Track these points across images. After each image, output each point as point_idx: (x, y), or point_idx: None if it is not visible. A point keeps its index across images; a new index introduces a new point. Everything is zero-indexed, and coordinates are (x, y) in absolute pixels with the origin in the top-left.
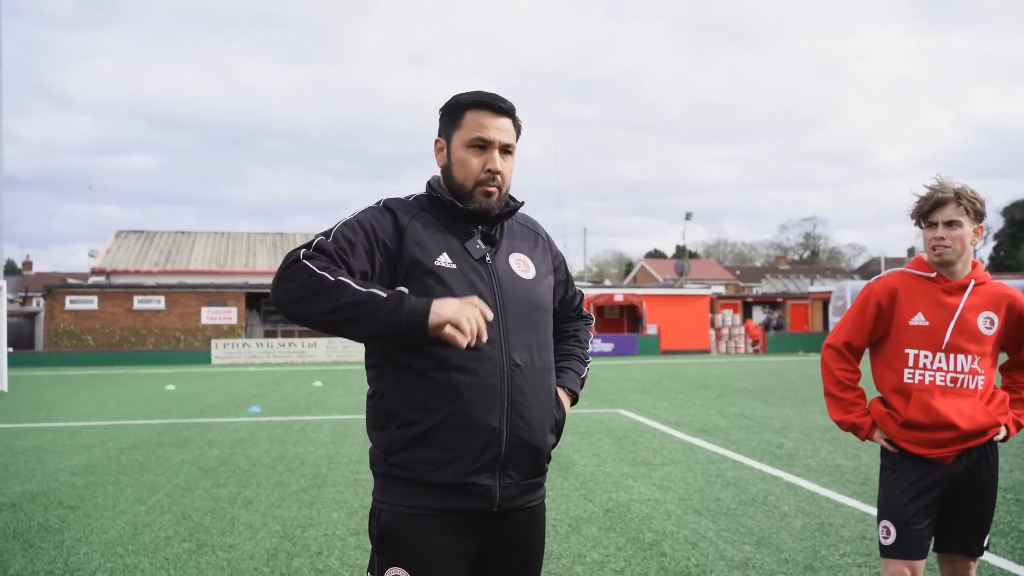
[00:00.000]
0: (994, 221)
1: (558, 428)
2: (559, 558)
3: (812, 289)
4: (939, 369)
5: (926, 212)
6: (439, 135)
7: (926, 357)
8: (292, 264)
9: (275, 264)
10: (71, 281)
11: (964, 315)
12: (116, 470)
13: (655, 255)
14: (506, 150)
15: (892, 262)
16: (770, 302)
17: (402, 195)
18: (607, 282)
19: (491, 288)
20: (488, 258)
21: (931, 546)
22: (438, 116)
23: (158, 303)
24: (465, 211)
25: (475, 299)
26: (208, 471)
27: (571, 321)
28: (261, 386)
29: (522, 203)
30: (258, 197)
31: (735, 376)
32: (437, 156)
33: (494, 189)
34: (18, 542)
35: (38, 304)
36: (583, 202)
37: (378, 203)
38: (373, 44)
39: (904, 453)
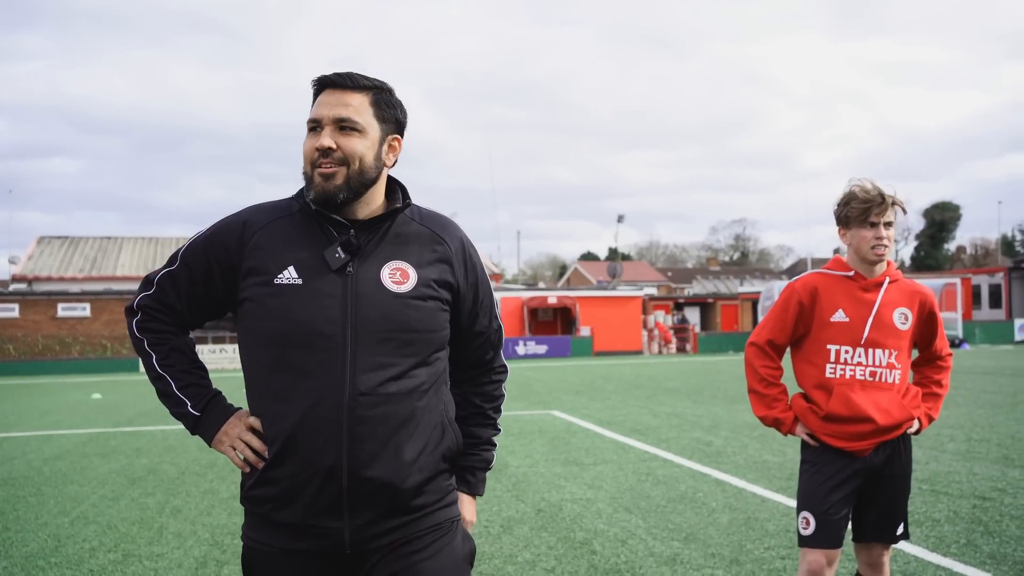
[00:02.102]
0: (915, 222)
1: (448, 460)
2: (491, 558)
3: (742, 290)
4: (859, 364)
5: (869, 212)
6: None
7: (847, 352)
8: (126, 314)
9: None
10: None
11: (881, 311)
12: (39, 481)
13: (588, 257)
14: (345, 124)
15: (818, 262)
16: (700, 303)
17: (279, 198)
18: (541, 284)
19: (343, 304)
20: (350, 268)
21: (846, 536)
22: None
23: (83, 310)
24: (323, 213)
25: (233, 431)
26: (136, 480)
27: (475, 371)
28: None
29: (407, 204)
30: (187, 202)
31: (667, 376)
32: None
33: (330, 169)
34: None
35: None
36: (517, 205)
37: (237, 213)
38: (302, 48)
39: (824, 447)
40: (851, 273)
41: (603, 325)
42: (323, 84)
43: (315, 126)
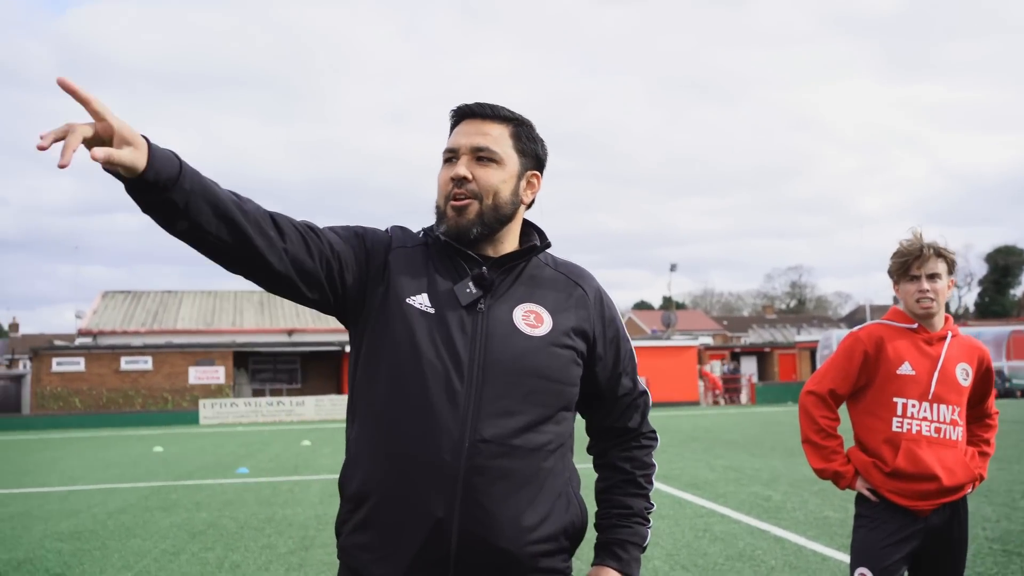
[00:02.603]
0: (977, 267)
1: (570, 537)
2: None
3: (799, 338)
4: (924, 419)
5: (908, 265)
6: None
7: (913, 406)
8: None
9: (263, 322)
10: (58, 343)
11: (945, 366)
12: (103, 535)
13: (642, 306)
14: (483, 155)
15: (878, 310)
16: (757, 352)
17: (413, 228)
18: None
19: (471, 342)
20: (481, 305)
21: None
22: None
23: (145, 363)
24: (457, 248)
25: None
26: (196, 535)
27: (622, 438)
28: (249, 446)
29: (547, 244)
30: None
31: (724, 428)
32: None
33: (464, 201)
34: None
35: (24, 367)
36: (568, 255)
37: (385, 228)
38: (352, 102)
39: (885, 503)
40: (915, 326)
41: (658, 375)
42: (462, 114)
43: (451, 156)
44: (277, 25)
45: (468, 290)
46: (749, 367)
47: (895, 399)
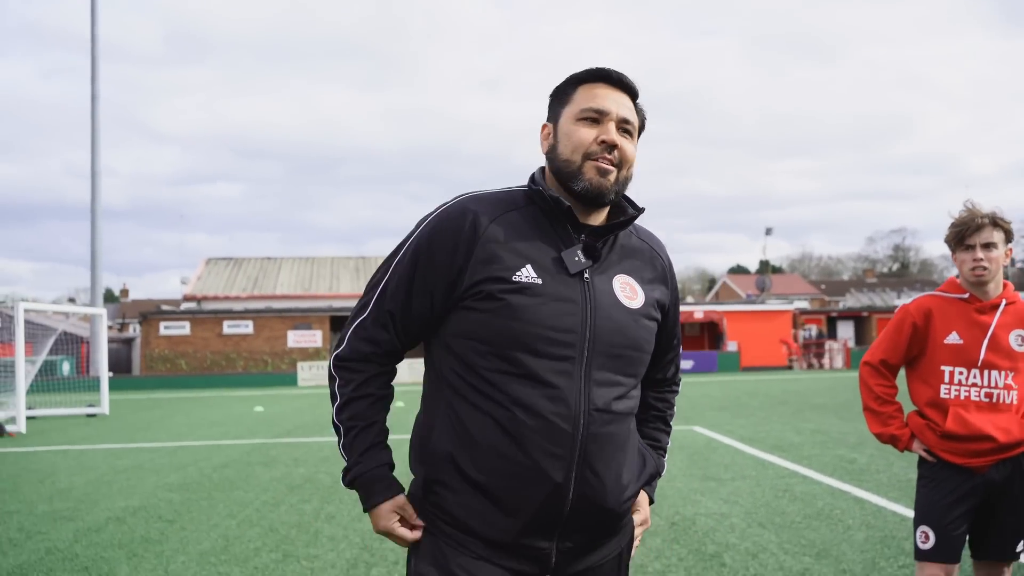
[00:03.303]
0: None
1: (648, 488)
2: None
3: (898, 302)
4: (974, 385)
5: (964, 235)
6: (546, 121)
7: (961, 373)
8: (331, 364)
9: (358, 288)
10: (164, 308)
11: (996, 333)
12: (209, 487)
13: (738, 271)
14: (625, 128)
15: None
16: (855, 316)
17: (495, 188)
18: (689, 298)
19: (583, 314)
20: (587, 275)
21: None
22: (548, 103)
23: (246, 327)
24: (569, 211)
25: (396, 527)
26: (294, 488)
27: (660, 388)
28: None
29: (643, 209)
30: (340, 222)
31: (815, 392)
32: (542, 143)
33: (609, 166)
34: (123, 552)
35: (134, 330)
36: (663, 219)
37: (456, 200)
38: (446, 70)
39: (942, 463)
40: (966, 295)
41: (751, 340)
42: (601, 77)
43: (596, 117)
44: None
45: (577, 258)
46: (846, 331)
47: (943, 367)
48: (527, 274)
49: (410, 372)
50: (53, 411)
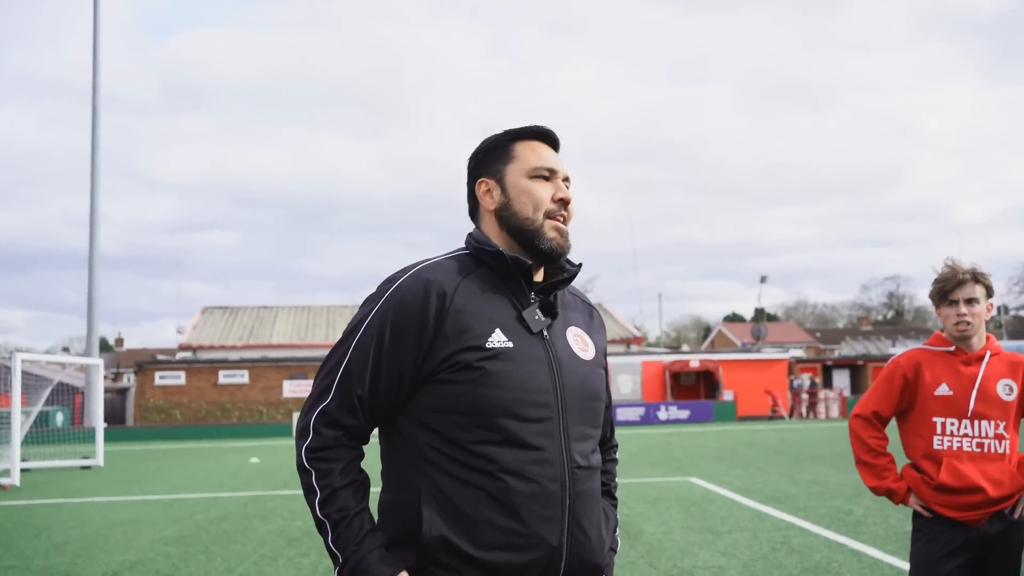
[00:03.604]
0: None
1: (614, 546)
2: None
3: (894, 351)
4: (965, 435)
5: (947, 291)
6: (482, 177)
7: (952, 424)
8: (302, 457)
9: None
10: (160, 357)
11: (984, 384)
12: (206, 540)
13: (733, 319)
14: (568, 184)
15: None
16: (850, 364)
17: (437, 256)
18: (684, 347)
19: (552, 371)
20: (546, 332)
21: None
22: (469, 165)
23: (242, 377)
24: (528, 270)
25: None
26: (292, 541)
27: (602, 456)
28: None
29: (580, 265)
30: (336, 270)
31: (811, 442)
32: (484, 200)
33: (565, 223)
34: None
35: (129, 380)
36: (658, 266)
37: (411, 273)
38: (442, 119)
39: (937, 517)
40: (952, 348)
41: (747, 389)
42: (542, 135)
43: (550, 175)
44: (369, 44)
45: (537, 317)
46: (842, 380)
47: (934, 419)
48: (498, 339)
49: None
50: (48, 463)
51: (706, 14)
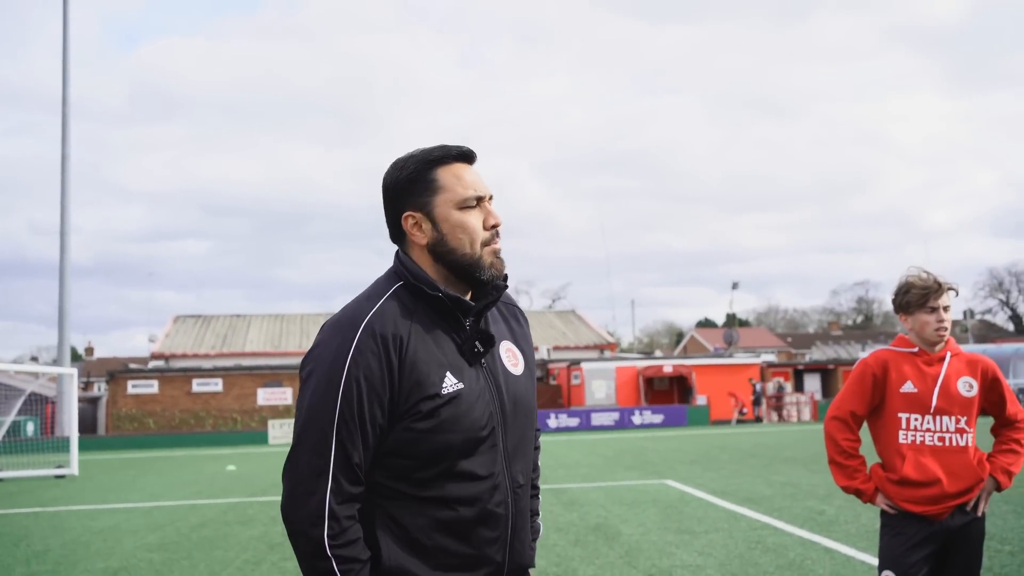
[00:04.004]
0: None
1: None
2: None
3: (863, 355)
4: (928, 430)
5: (928, 298)
6: (408, 211)
7: (916, 420)
8: (325, 548)
9: None
10: (132, 366)
11: (946, 381)
12: (188, 547)
13: (705, 324)
14: (491, 203)
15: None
16: (821, 369)
17: (371, 301)
18: (657, 353)
19: (493, 399)
20: (484, 360)
21: None
22: (386, 192)
23: (216, 385)
24: (449, 301)
25: None
26: (274, 546)
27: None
28: None
29: (506, 279)
30: (308, 278)
31: (784, 445)
32: (413, 234)
33: (500, 246)
34: None
35: (99, 389)
36: (630, 273)
37: (360, 329)
38: (411, 128)
39: (903, 513)
40: (915, 349)
41: (720, 393)
42: (461, 157)
43: (478, 202)
44: (340, 54)
45: (477, 349)
46: (812, 384)
47: (899, 414)
48: (450, 383)
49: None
50: (20, 473)
51: (674, 25)
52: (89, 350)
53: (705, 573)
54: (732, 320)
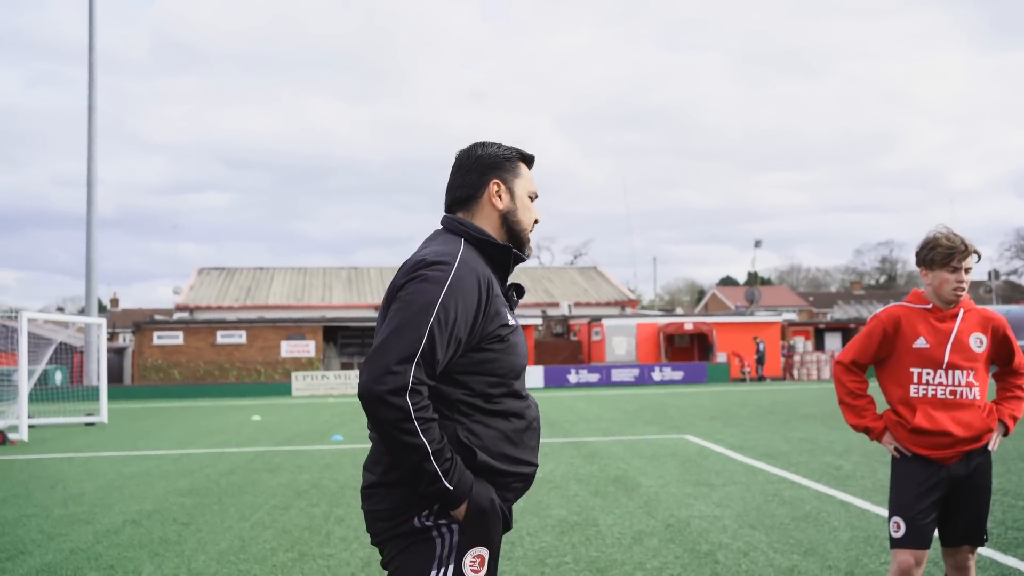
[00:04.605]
0: None
1: None
2: (621, 565)
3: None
4: (940, 384)
5: (953, 258)
6: (495, 178)
7: (928, 374)
8: (401, 410)
9: (351, 298)
10: (158, 317)
11: (959, 337)
12: (218, 492)
13: (727, 282)
14: None
15: (971, 285)
16: (842, 328)
17: (452, 246)
18: (679, 310)
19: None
20: (514, 307)
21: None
22: (480, 160)
23: (240, 337)
24: (515, 263)
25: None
26: (301, 493)
27: None
28: (342, 416)
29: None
30: (329, 232)
31: (803, 403)
32: (494, 198)
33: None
34: (144, 551)
35: (125, 340)
36: (651, 231)
37: (458, 263)
38: (432, 82)
39: (913, 456)
40: (929, 306)
41: (740, 351)
42: (532, 163)
43: (534, 199)
44: (361, 6)
45: (513, 297)
46: (834, 343)
47: (911, 369)
48: (510, 318)
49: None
50: (52, 420)
51: None
52: (115, 301)
53: (722, 523)
54: (754, 279)
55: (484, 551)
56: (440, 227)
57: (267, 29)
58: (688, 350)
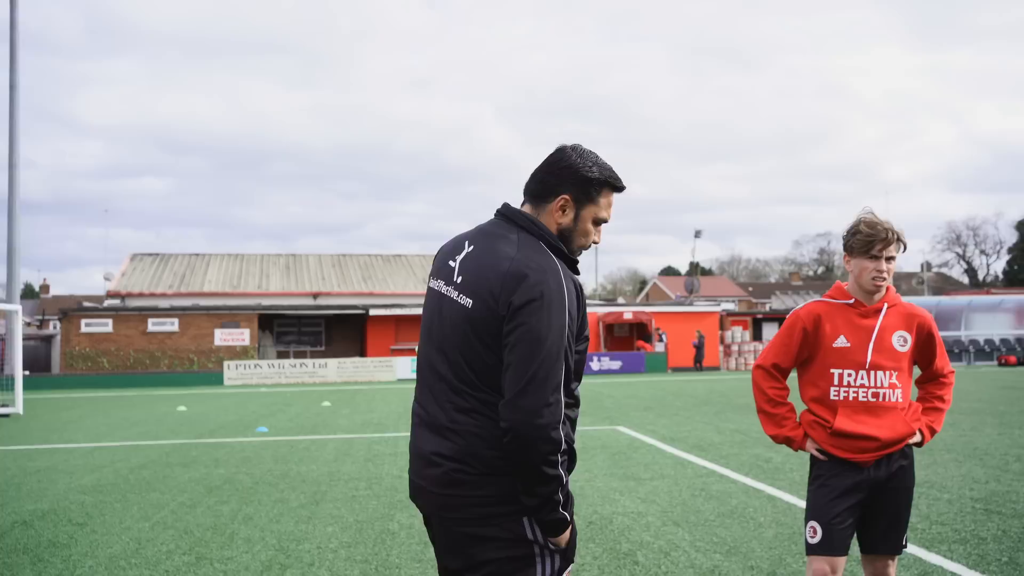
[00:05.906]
0: (1007, 235)
1: None
2: None
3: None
4: (861, 386)
5: (873, 244)
6: (565, 192)
7: (849, 375)
8: (559, 444)
9: (288, 285)
10: (86, 304)
11: (880, 335)
12: (124, 489)
13: (669, 272)
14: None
15: (903, 276)
16: (779, 318)
17: (550, 264)
18: (620, 300)
19: None
20: None
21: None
22: (564, 169)
23: (172, 325)
24: (571, 270)
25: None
26: (212, 489)
27: None
28: (271, 406)
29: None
30: (269, 219)
31: (739, 393)
32: (556, 212)
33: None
34: (27, 557)
35: (54, 327)
36: None
37: (562, 275)
38: (375, 69)
39: (832, 459)
40: (851, 301)
41: (679, 341)
42: (618, 188)
43: (600, 223)
44: None
45: None
46: (771, 333)
47: (832, 370)
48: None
49: (338, 372)
50: None
51: None
52: (45, 287)
53: (645, 520)
54: (695, 269)
55: (570, 568)
56: (514, 221)
57: (205, 12)
58: (627, 339)
